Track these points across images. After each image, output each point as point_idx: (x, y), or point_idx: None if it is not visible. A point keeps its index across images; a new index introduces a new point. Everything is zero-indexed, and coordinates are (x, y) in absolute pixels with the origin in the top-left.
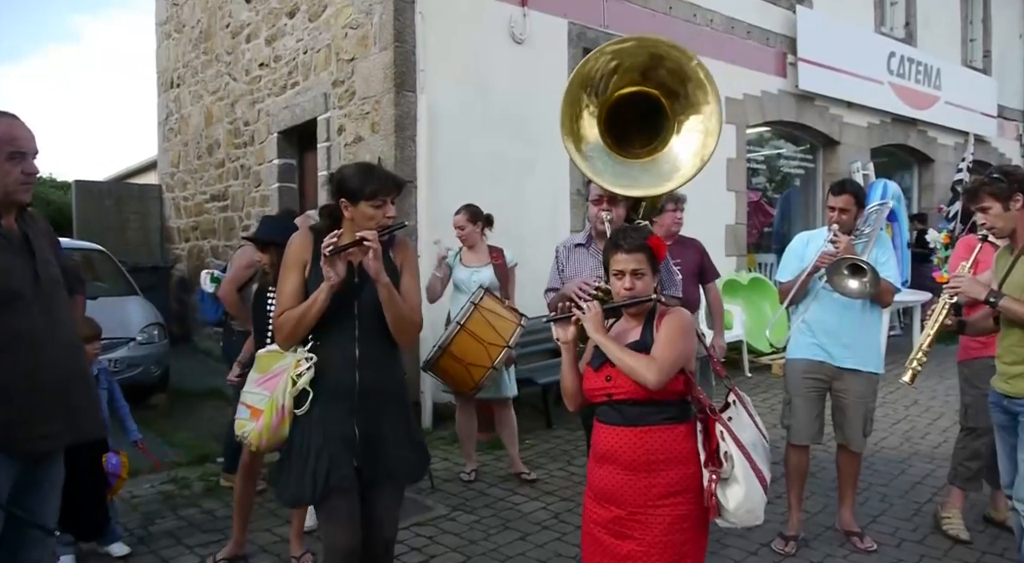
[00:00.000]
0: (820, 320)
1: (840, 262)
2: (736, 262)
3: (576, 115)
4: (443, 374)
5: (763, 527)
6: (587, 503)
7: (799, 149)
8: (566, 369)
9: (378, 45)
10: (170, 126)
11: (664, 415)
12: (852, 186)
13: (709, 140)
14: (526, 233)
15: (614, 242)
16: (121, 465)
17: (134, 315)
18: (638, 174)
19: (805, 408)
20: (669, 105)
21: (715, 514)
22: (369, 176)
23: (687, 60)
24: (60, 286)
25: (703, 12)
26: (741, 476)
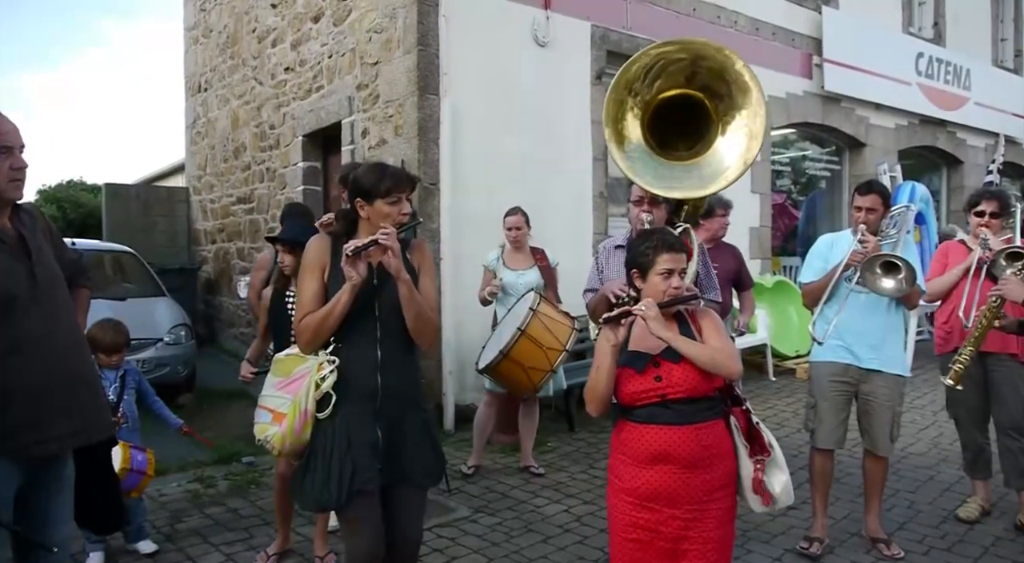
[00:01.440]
0: (846, 322)
1: (873, 259)
2: (761, 265)
3: (619, 116)
4: (501, 378)
5: (786, 534)
6: (625, 511)
7: (825, 151)
8: (606, 374)
9: (402, 49)
10: (197, 130)
11: (713, 411)
12: (879, 186)
13: (753, 143)
14: (549, 235)
15: (665, 242)
16: (147, 463)
17: (162, 316)
18: (680, 175)
19: (831, 412)
20: (713, 107)
21: (768, 501)
22: (382, 174)
23: (732, 62)
24: (60, 284)
25: (727, 14)
26: (781, 462)
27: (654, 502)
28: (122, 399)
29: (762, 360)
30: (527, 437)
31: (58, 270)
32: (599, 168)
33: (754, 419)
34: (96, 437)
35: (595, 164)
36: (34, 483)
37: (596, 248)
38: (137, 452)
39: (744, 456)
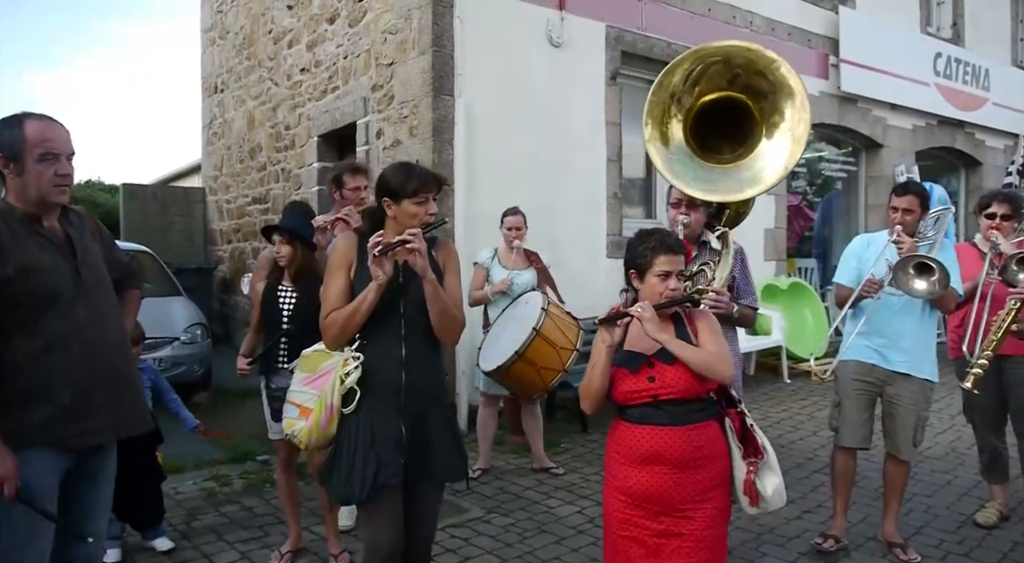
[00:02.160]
0: (877, 324)
1: (906, 261)
2: (775, 266)
3: (661, 118)
4: (511, 379)
5: (801, 537)
6: (618, 508)
7: (841, 152)
8: (601, 372)
9: (416, 49)
10: (214, 130)
11: (705, 412)
12: (916, 187)
13: (796, 147)
14: (562, 236)
15: (663, 243)
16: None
17: (178, 315)
18: (719, 179)
19: (854, 411)
20: (759, 111)
21: (756, 502)
22: (410, 174)
23: (776, 66)
24: (106, 284)
25: (743, 14)
26: (773, 463)
27: (646, 502)
28: None
29: (776, 362)
30: (535, 438)
31: (104, 271)
32: (613, 169)
33: (748, 421)
34: (133, 431)
35: (609, 165)
36: (75, 474)
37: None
38: None
39: (738, 458)
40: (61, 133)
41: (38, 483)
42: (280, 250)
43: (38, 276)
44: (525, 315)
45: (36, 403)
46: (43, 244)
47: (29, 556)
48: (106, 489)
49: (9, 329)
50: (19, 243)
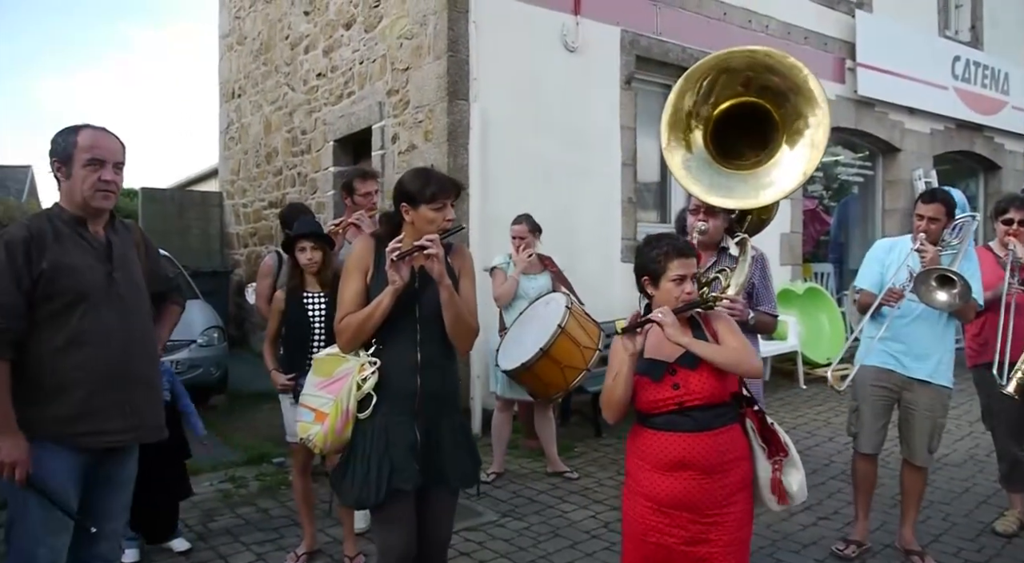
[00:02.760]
0: (895, 329)
1: (928, 272)
2: (791, 271)
3: (680, 124)
4: (531, 378)
5: (817, 543)
6: (643, 515)
7: (857, 156)
8: (624, 381)
9: (432, 54)
10: (231, 135)
11: (729, 416)
12: (943, 195)
13: (814, 153)
14: (577, 240)
15: (675, 248)
16: None
17: (196, 318)
18: (736, 185)
19: (871, 416)
20: (780, 116)
21: (786, 500)
22: (428, 180)
23: (796, 71)
24: (139, 293)
25: (758, 18)
26: (796, 460)
27: (674, 508)
28: None
29: (792, 368)
30: (549, 442)
31: (141, 280)
32: (628, 173)
33: (768, 419)
34: (148, 438)
35: (624, 169)
36: (91, 476)
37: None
38: None
39: (761, 457)
40: (111, 143)
41: (52, 481)
42: (312, 257)
43: (69, 273)
44: (548, 314)
45: (52, 397)
46: (82, 246)
47: (42, 554)
48: (123, 493)
49: (38, 322)
50: (59, 242)
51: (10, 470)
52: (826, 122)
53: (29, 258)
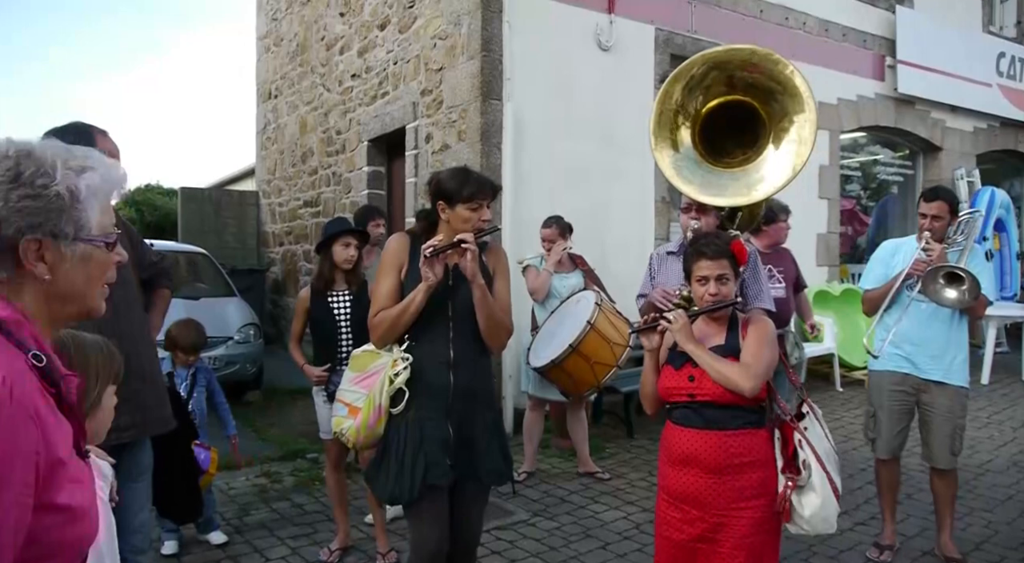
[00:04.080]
0: (906, 331)
1: (936, 270)
2: (828, 272)
3: (667, 124)
4: (562, 375)
5: (853, 549)
6: (662, 506)
7: (897, 155)
8: (648, 374)
9: (466, 55)
10: (267, 135)
11: (744, 420)
12: (945, 193)
13: (802, 149)
14: (610, 240)
15: (697, 249)
16: (210, 461)
17: (232, 315)
18: (727, 183)
19: (889, 422)
20: (766, 114)
21: (787, 518)
22: (466, 179)
23: (782, 67)
24: (128, 283)
25: (796, 15)
26: (818, 485)
27: (683, 503)
28: (191, 396)
29: (828, 370)
30: (581, 443)
31: (131, 273)
32: (661, 172)
33: (796, 437)
34: (156, 430)
35: (657, 168)
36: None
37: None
38: (200, 449)
39: (779, 470)
40: (112, 146)
41: None
42: (354, 254)
43: None
44: (578, 311)
45: None
46: None
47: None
48: (143, 484)
49: None
50: None
51: None
52: (813, 118)
53: None
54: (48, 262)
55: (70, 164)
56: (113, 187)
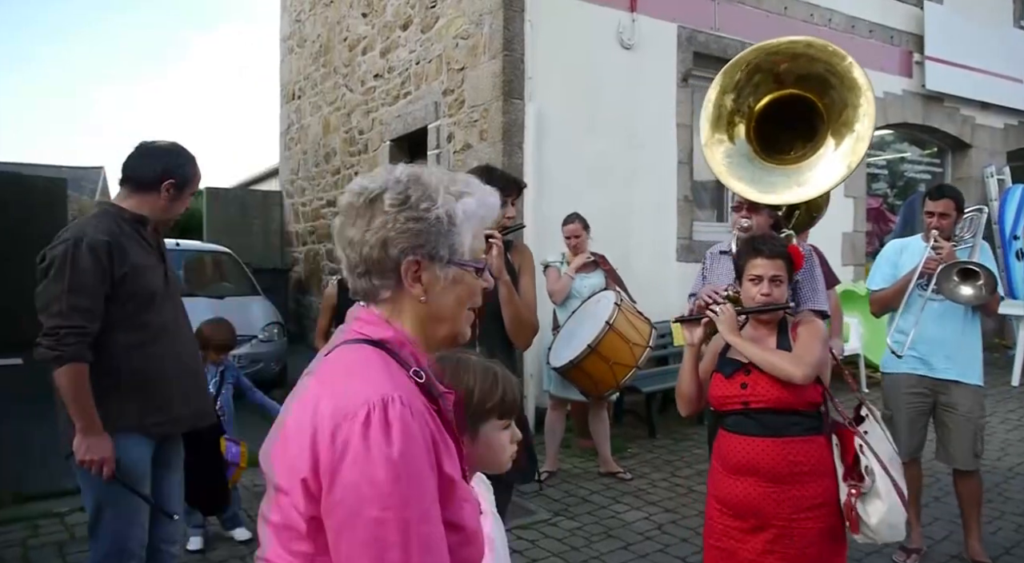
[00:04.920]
0: (919, 331)
1: (950, 268)
2: (853, 272)
3: (721, 119)
4: (581, 375)
5: (881, 552)
6: (716, 518)
7: (925, 153)
8: (686, 371)
9: (487, 54)
10: (291, 136)
11: (803, 426)
12: (950, 191)
13: (859, 146)
14: (632, 240)
15: (754, 247)
16: (240, 455)
17: (257, 314)
18: (778, 180)
19: (907, 425)
20: (824, 107)
21: (855, 528)
22: (490, 177)
23: (839, 59)
24: (179, 286)
25: (821, 11)
26: (883, 491)
27: (742, 513)
28: (220, 393)
29: (855, 371)
30: (602, 443)
31: (176, 275)
32: (684, 172)
33: (857, 442)
34: (203, 423)
35: (680, 168)
36: (156, 461)
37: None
38: (232, 444)
39: (839, 478)
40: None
41: (135, 469)
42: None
43: (143, 274)
44: (597, 312)
45: (132, 392)
46: (144, 247)
47: (135, 534)
48: (179, 474)
49: (112, 323)
50: (129, 244)
51: (99, 467)
52: (871, 112)
53: (112, 261)
54: (424, 283)
55: (451, 190)
56: (488, 213)
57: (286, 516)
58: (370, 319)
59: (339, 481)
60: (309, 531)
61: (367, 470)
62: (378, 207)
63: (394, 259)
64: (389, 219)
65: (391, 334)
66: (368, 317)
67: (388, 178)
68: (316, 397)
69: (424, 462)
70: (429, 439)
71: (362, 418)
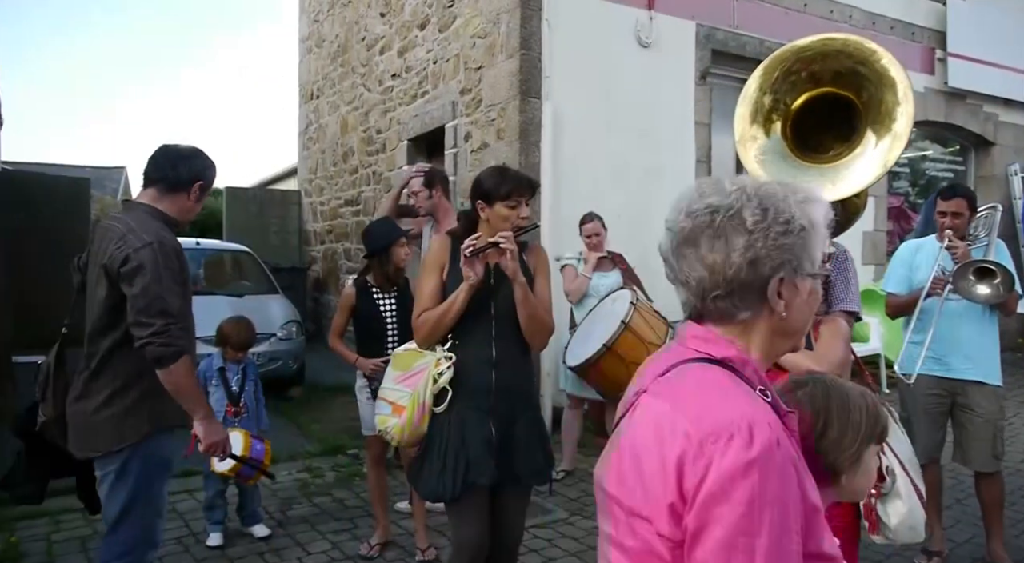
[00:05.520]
0: (937, 332)
1: (966, 267)
2: (874, 271)
3: (756, 117)
4: (597, 375)
5: (902, 555)
6: None
7: (947, 151)
8: None
9: (504, 53)
10: (309, 135)
11: None
12: (962, 189)
13: (896, 144)
14: (650, 238)
15: None
16: (264, 452)
17: (276, 312)
18: (813, 178)
19: (925, 427)
20: (861, 105)
21: (874, 529)
22: (503, 177)
23: (877, 57)
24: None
25: (841, 8)
26: (904, 492)
27: None
28: (244, 390)
29: (875, 371)
30: None
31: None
32: (702, 170)
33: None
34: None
35: (698, 166)
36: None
37: None
38: (256, 441)
39: None
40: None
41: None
42: (408, 251)
43: (190, 276)
44: (614, 311)
45: None
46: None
47: (160, 526)
48: None
49: None
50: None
51: (219, 449)
52: (910, 111)
53: (183, 264)
54: (785, 298)
55: (797, 198)
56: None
57: (645, 542)
58: (708, 337)
59: (705, 506)
60: (673, 558)
61: (734, 495)
62: (738, 226)
63: (764, 278)
64: (757, 237)
65: (733, 352)
66: (706, 335)
67: (732, 193)
68: (668, 419)
69: (792, 489)
70: (792, 464)
71: (728, 440)
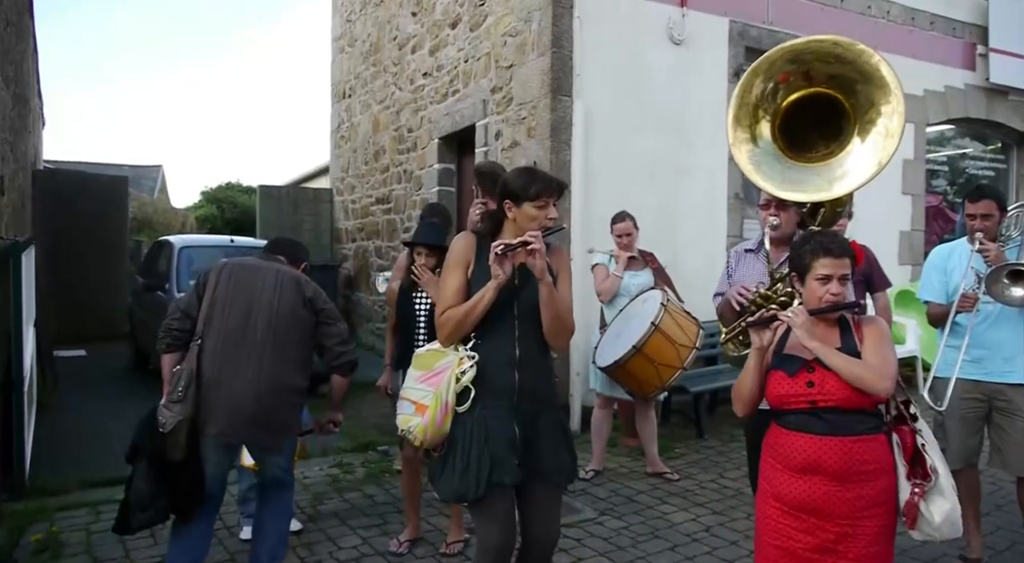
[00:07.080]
0: (974, 335)
1: (998, 271)
2: (911, 272)
3: (746, 118)
4: (626, 375)
5: (938, 561)
6: (772, 516)
7: (988, 149)
8: (751, 374)
9: (536, 51)
10: (341, 134)
11: (868, 425)
12: (990, 191)
13: (889, 143)
14: (681, 237)
15: (821, 245)
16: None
17: None
18: (808, 178)
19: (960, 431)
20: (850, 106)
21: (913, 524)
22: (532, 178)
23: (867, 57)
24: None
25: (879, 4)
26: (947, 489)
27: (802, 512)
28: None
29: (911, 373)
30: (649, 443)
31: None
32: (734, 168)
33: (919, 441)
34: None
35: (730, 164)
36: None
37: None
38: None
39: (902, 476)
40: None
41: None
42: (427, 262)
43: None
44: (644, 312)
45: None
46: None
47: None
48: None
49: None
50: None
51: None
52: (901, 110)
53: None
54: None
55: None
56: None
57: None
58: None
59: None
60: None
61: None
62: None
63: None
64: None
65: None
66: None
67: None
68: None
69: None
70: None
71: None
